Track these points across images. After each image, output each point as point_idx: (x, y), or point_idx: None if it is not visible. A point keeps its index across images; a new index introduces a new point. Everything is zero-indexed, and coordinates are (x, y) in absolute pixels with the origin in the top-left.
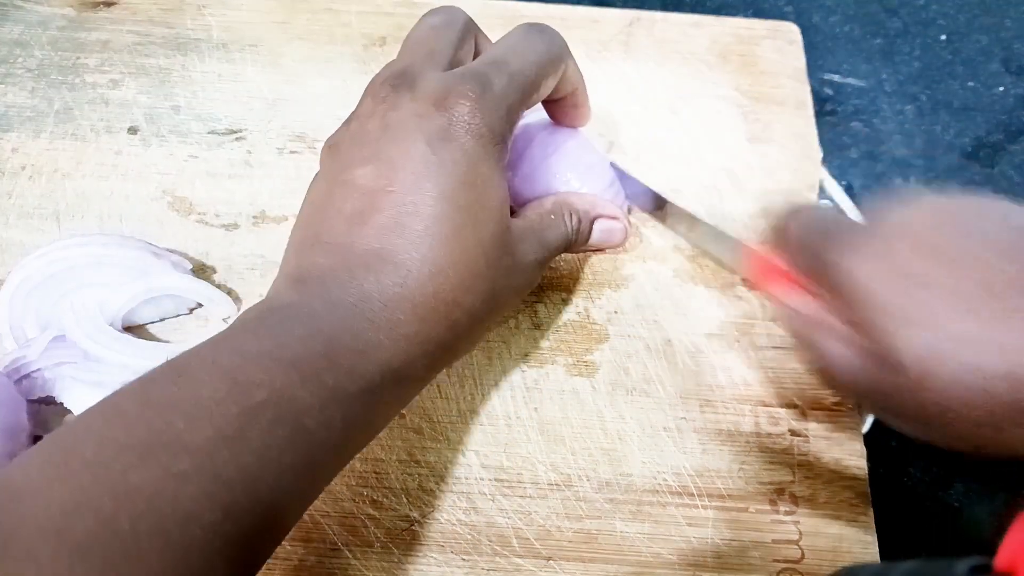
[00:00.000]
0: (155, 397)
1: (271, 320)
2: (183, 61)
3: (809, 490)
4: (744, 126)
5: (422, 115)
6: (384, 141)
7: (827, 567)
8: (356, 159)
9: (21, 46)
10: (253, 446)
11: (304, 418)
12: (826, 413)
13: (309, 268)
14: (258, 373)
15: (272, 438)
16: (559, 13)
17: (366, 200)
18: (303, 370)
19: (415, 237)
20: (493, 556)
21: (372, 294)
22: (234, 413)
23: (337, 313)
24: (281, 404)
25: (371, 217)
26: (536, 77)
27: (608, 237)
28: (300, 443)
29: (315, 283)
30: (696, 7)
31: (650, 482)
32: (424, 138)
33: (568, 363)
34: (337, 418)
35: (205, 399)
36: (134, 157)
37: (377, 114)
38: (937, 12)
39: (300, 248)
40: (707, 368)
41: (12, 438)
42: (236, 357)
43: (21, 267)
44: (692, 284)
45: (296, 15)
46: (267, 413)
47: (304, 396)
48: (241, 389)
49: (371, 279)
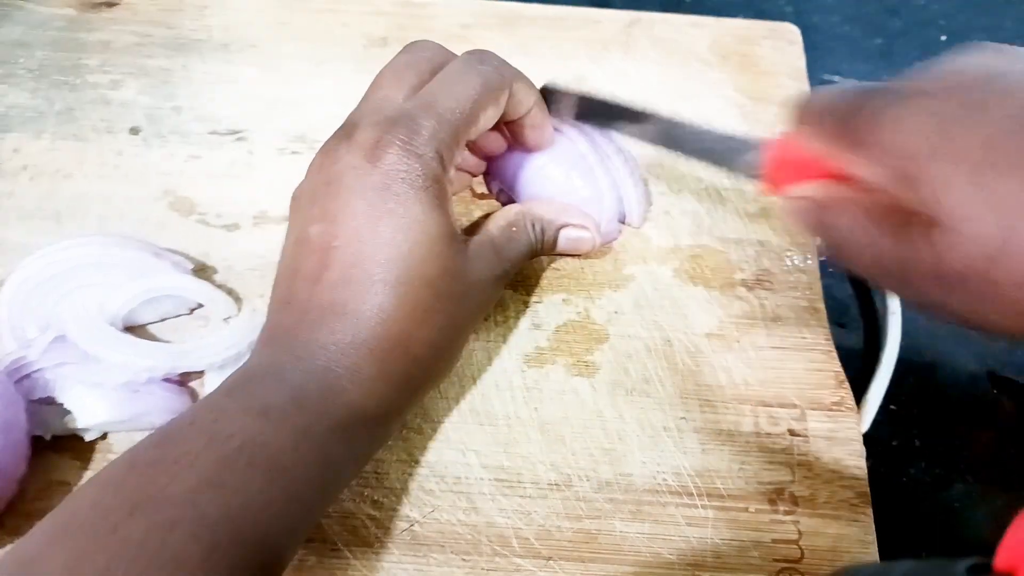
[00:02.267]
0: (140, 460)
1: (243, 380)
2: (184, 62)
3: (808, 490)
4: (744, 126)
5: (356, 167)
6: (328, 198)
7: (826, 567)
8: (309, 215)
9: (22, 46)
10: (233, 488)
11: (280, 457)
12: (826, 413)
13: (276, 327)
14: (232, 425)
15: (250, 479)
16: (559, 13)
17: (319, 257)
18: (273, 417)
19: (361, 289)
20: (493, 556)
21: (329, 345)
22: (212, 461)
23: (301, 366)
24: (255, 448)
25: (323, 274)
26: (469, 111)
27: (574, 246)
28: (279, 480)
29: (283, 340)
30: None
31: (650, 482)
32: (359, 193)
33: (568, 363)
34: (312, 454)
35: (184, 455)
36: (135, 158)
37: (324, 167)
38: (937, 12)
39: (274, 309)
40: (707, 368)
41: (9, 436)
42: (212, 414)
43: (21, 267)
44: (692, 284)
45: (296, 15)
46: (243, 457)
47: (277, 439)
48: (217, 441)
49: (325, 332)
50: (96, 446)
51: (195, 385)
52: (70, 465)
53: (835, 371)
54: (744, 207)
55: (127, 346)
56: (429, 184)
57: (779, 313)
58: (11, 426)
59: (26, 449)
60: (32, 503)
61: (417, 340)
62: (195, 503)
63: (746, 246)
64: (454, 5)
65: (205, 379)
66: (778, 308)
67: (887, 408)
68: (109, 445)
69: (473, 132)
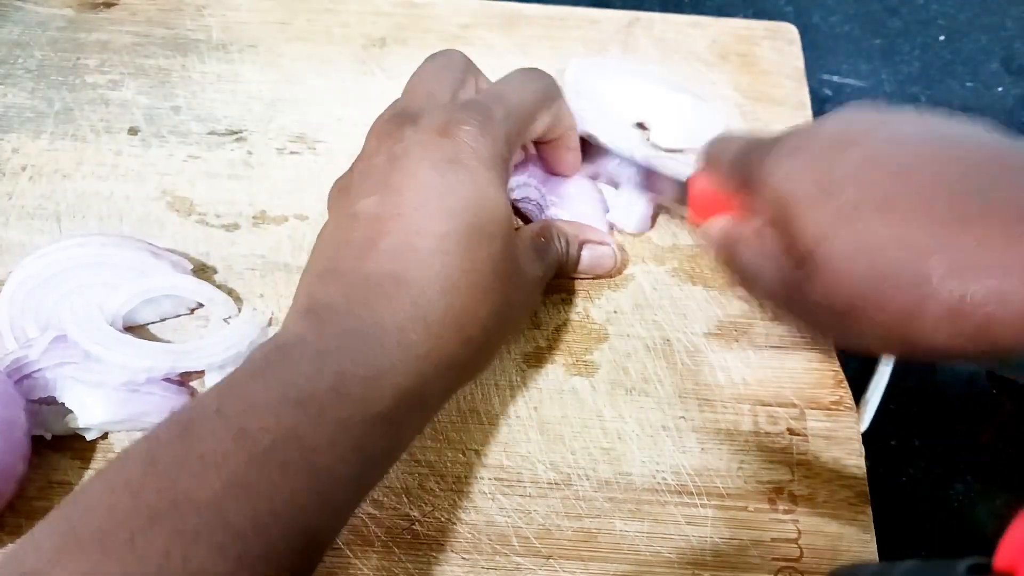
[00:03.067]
0: (160, 457)
1: (276, 360)
2: (183, 62)
3: (808, 489)
4: (743, 126)
5: (426, 144)
6: (390, 171)
7: (826, 566)
8: (363, 192)
9: (21, 47)
10: (263, 493)
11: (315, 456)
12: (825, 412)
13: (320, 298)
14: (263, 418)
15: (282, 482)
16: (559, 13)
17: (375, 227)
18: (310, 409)
19: (426, 256)
20: (493, 555)
21: (384, 317)
22: (242, 463)
23: (347, 342)
24: (289, 446)
25: (381, 242)
26: (532, 110)
27: (598, 262)
28: (313, 482)
29: (325, 313)
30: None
31: (649, 481)
32: (429, 164)
33: (568, 363)
34: (349, 451)
35: (211, 453)
36: (134, 158)
37: (383, 149)
38: (937, 12)
39: (311, 280)
40: (706, 367)
41: (9, 436)
42: (240, 404)
43: (21, 267)
44: (691, 284)
45: (295, 15)
46: (275, 458)
47: (313, 435)
48: (247, 437)
49: (383, 302)
50: (96, 446)
51: (195, 385)
52: (70, 465)
53: (834, 370)
54: None
55: (127, 346)
56: (498, 163)
57: None
58: (11, 426)
59: (26, 449)
60: (32, 503)
61: (473, 320)
62: (222, 510)
63: None
64: (454, 5)
65: (205, 379)
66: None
67: (886, 408)
68: (109, 445)
69: (532, 130)
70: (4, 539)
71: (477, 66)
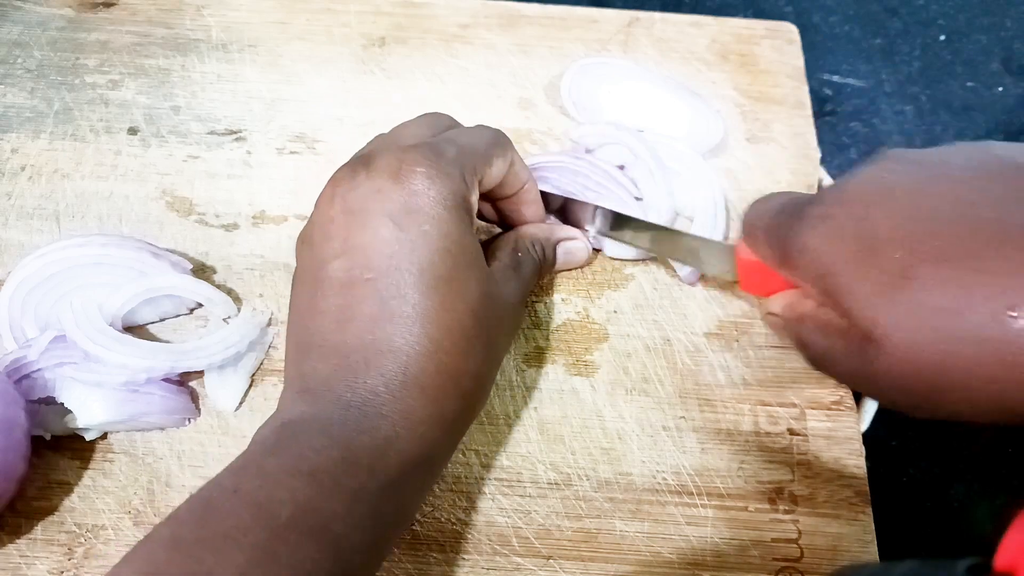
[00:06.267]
0: (183, 538)
1: (286, 436)
2: (182, 61)
3: (808, 489)
4: (743, 126)
5: (380, 191)
6: (352, 228)
7: (826, 566)
8: (327, 252)
9: (20, 47)
10: (285, 564)
11: (332, 525)
12: (825, 412)
13: (311, 376)
14: (280, 491)
15: (304, 552)
16: (559, 13)
17: (348, 294)
18: (323, 480)
19: (405, 319)
20: (493, 555)
21: (379, 388)
22: (263, 538)
23: (350, 415)
24: (308, 517)
25: (357, 311)
26: (484, 150)
27: (571, 257)
28: (332, 550)
29: (321, 389)
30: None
31: (649, 481)
32: (388, 216)
33: (568, 363)
34: (366, 517)
35: (232, 529)
36: (134, 158)
37: (337, 196)
38: (937, 12)
39: (297, 357)
40: (706, 367)
41: (9, 436)
42: (257, 480)
43: (21, 267)
44: (691, 284)
45: (295, 15)
46: (295, 529)
47: (328, 505)
48: (266, 511)
49: (373, 373)
50: (96, 446)
51: (195, 385)
52: (70, 465)
53: None
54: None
55: (127, 346)
56: (460, 202)
57: None
58: (11, 426)
59: (26, 449)
60: (32, 503)
61: (465, 373)
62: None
63: None
64: (454, 5)
65: (205, 379)
66: None
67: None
68: (109, 445)
69: (488, 175)
70: (4, 539)
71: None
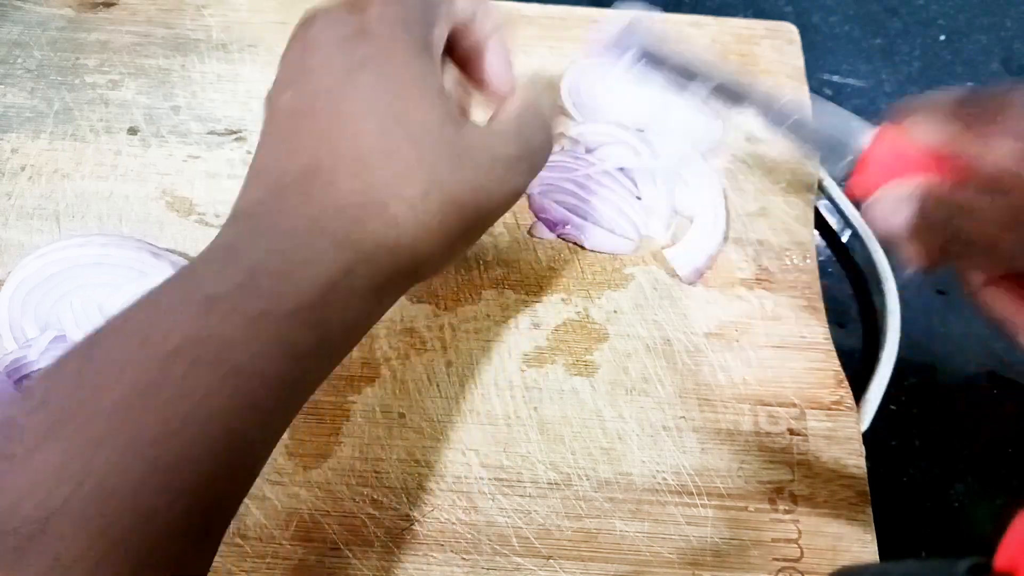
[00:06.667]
0: (64, 371)
1: (186, 270)
2: (182, 61)
3: (808, 489)
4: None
5: (336, 21)
6: (304, 58)
7: (826, 566)
8: (279, 87)
9: (20, 47)
10: (173, 396)
11: (231, 353)
12: (825, 412)
13: (241, 204)
14: (169, 320)
15: (194, 382)
16: (559, 13)
17: (290, 122)
18: (220, 306)
19: (338, 142)
20: (493, 555)
21: (298, 210)
22: (145, 367)
23: (260, 241)
24: (199, 346)
25: (295, 138)
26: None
27: None
28: (230, 380)
29: (242, 217)
30: (696, 7)
31: (649, 481)
32: (334, 42)
33: (568, 363)
34: (269, 346)
35: (114, 361)
36: (134, 158)
37: (296, 38)
38: (937, 12)
39: (241, 189)
40: (706, 367)
41: None
42: (147, 311)
43: (21, 267)
44: (691, 284)
45: (295, 15)
46: (183, 358)
47: (223, 331)
48: (151, 342)
49: (297, 197)
50: None
51: None
52: None
53: (834, 370)
54: (744, 207)
55: None
56: (413, 28)
57: (779, 312)
58: None
59: None
60: None
61: (395, 196)
62: (127, 416)
63: (746, 246)
64: None
65: None
66: (778, 308)
67: (887, 408)
68: None
69: (452, 12)
70: None
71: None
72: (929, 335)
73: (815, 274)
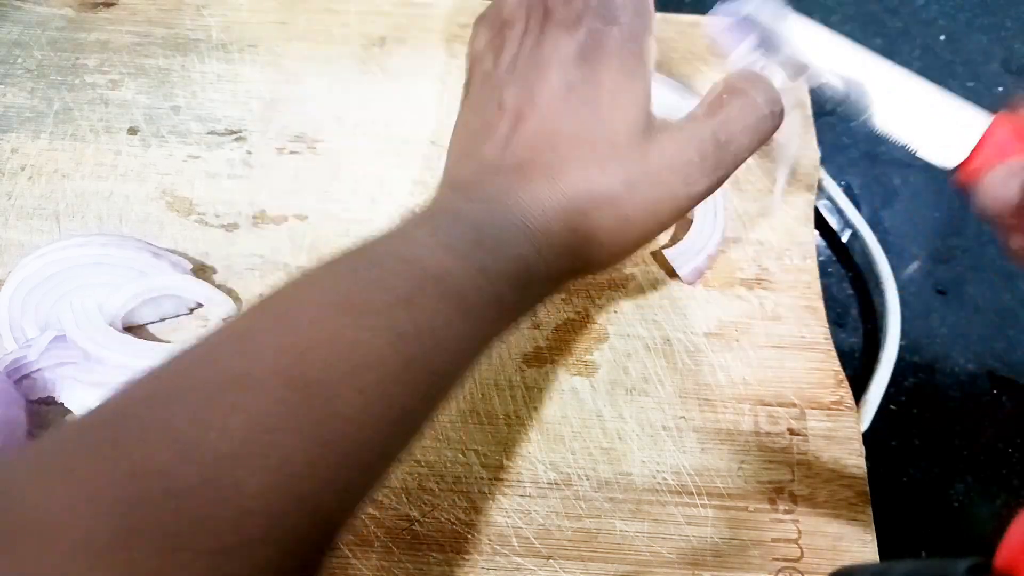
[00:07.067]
0: (342, 269)
1: (424, 217)
2: (182, 61)
3: (808, 489)
4: None
5: (558, 40)
6: (527, 66)
7: (826, 566)
8: (503, 82)
9: (20, 47)
10: (425, 312)
11: (465, 293)
12: (825, 412)
13: (456, 179)
14: (421, 252)
15: (439, 308)
16: None
17: (511, 121)
18: (458, 252)
19: (544, 153)
20: (493, 555)
21: (507, 196)
22: (405, 282)
23: (479, 210)
24: (444, 279)
25: (513, 136)
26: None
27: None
28: (463, 315)
29: (462, 188)
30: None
31: (649, 481)
32: (559, 60)
33: (568, 363)
34: (490, 296)
35: (387, 272)
36: (134, 157)
37: (525, 43)
38: (937, 12)
39: (452, 165)
40: (706, 367)
41: (9, 436)
42: (399, 241)
43: (21, 267)
44: (691, 284)
45: (295, 15)
46: (433, 285)
47: (463, 274)
48: (409, 264)
49: (506, 184)
50: None
51: None
52: None
53: (834, 370)
54: (744, 206)
55: (127, 346)
56: (628, 48)
57: (778, 312)
58: (11, 426)
59: None
60: None
61: (580, 213)
62: (392, 316)
63: (746, 245)
64: (454, 5)
65: None
66: (777, 308)
67: (887, 408)
68: None
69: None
70: None
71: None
72: (929, 335)
73: (815, 274)
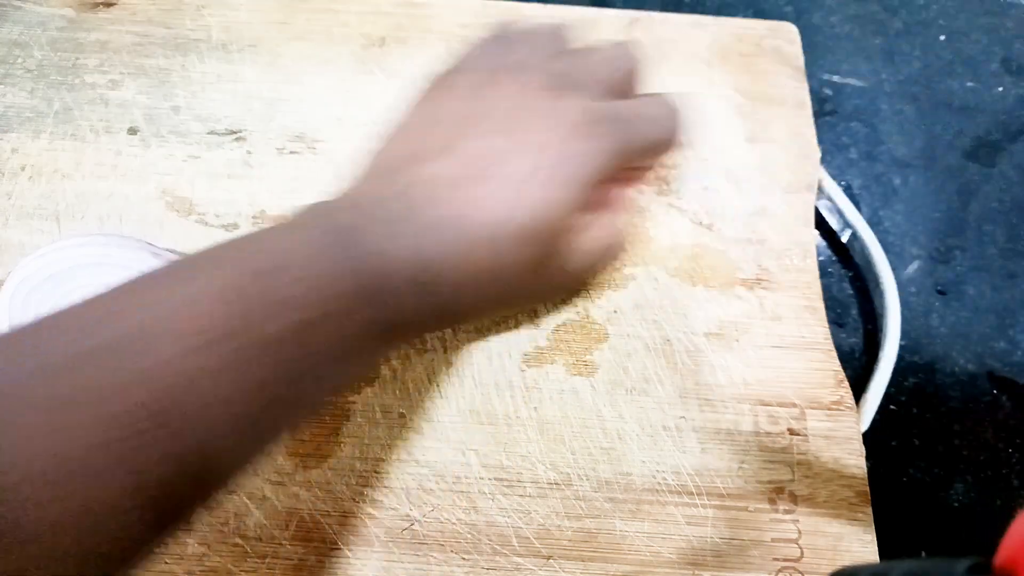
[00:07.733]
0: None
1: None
2: (182, 61)
3: (808, 489)
4: (743, 126)
5: (563, 135)
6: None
7: (826, 566)
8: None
9: (20, 47)
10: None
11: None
12: (825, 412)
13: (358, 194)
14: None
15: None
16: (559, 13)
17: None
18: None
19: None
20: (493, 555)
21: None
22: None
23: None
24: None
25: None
26: (656, 146)
27: None
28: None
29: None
30: (696, 7)
31: (649, 481)
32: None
33: (568, 363)
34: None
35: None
36: (134, 157)
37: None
38: (937, 12)
39: (362, 178)
40: (706, 367)
41: None
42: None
43: (21, 267)
44: (691, 284)
45: (295, 15)
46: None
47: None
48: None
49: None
50: None
51: None
52: None
53: (834, 370)
54: (744, 207)
55: None
56: (611, 164)
57: (779, 312)
58: None
59: None
60: None
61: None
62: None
63: (746, 245)
64: (454, 5)
65: None
66: (778, 307)
67: (887, 408)
68: None
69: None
70: None
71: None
72: (929, 335)
73: (815, 274)
